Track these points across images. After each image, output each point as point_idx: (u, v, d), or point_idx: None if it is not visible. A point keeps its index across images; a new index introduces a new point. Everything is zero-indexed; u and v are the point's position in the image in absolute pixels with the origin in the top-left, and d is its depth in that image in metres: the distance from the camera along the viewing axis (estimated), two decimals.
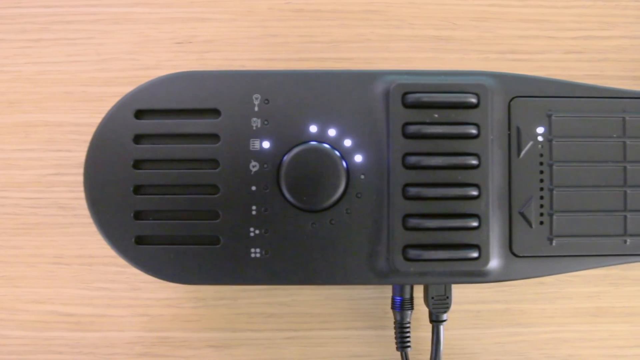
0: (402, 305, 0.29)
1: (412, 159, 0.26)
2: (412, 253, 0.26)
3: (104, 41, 0.32)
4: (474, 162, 0.26)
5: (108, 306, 0.32)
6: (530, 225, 0.27)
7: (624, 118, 0.28)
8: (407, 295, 0.29)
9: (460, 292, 0.32)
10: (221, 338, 0.32)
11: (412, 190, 0.26)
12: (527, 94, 0.27)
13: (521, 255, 0.27)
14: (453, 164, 0.26)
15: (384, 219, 0.26)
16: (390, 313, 0.31)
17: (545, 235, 0.27)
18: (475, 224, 0.26)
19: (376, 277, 0.27)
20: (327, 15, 0.32)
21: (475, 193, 0.26)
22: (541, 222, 0.27)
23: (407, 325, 0.29)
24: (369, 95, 0.27)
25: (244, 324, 0.32)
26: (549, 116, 0.27)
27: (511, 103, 0.27)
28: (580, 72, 0.33)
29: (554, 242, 0.27)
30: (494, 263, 0.27)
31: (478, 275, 0.27)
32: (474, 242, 0.26)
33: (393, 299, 0.29)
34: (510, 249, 0.27)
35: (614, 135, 0.28)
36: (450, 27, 0.33)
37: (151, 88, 0.27)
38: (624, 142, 0.28)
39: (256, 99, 0.27)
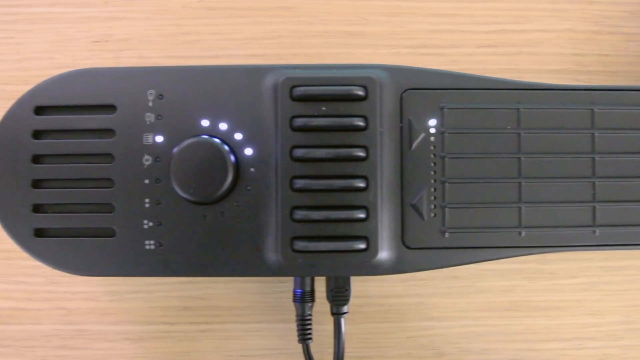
0: (302, 298, 0.29)
1: (299, 152, 0.26)
2: (299, 245, 0.26)
3: (23, 41, 0.33)
4: (362, 154, 0.26)
5: (27, 299, 0.32)
6: (423, 218, 0.27)
7: (518, 109, 0.28)
8: (308, 288, 0.29)
9: (372, 286, 0.32)
10: (137, 331, 0.32)
11: (299, 183, 0.26)
12: (419, 86, 0.27)
13: (413, 247, 0.27)
14: (340, 156, 0.26)
15: (273, 211, 0.27)
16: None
17: (438, 227, 0.27)
18: (362, 215, 0.26)
19: (267, 269, 0.27)
20: (240, 13, 0.33)
21: (362, 185, 0.26)
22: (434, 215, 0.27)
23: (308, 317, 0.29)
24: (259, 90, 0.27)
25: (159, 317, 0.32)
26: (442, 108, 0.27)
27: (403, 95, 0.27)
28: (494, 66, 0.33)
29: (447, 235, 0.27)
30: (384, 255, 0.27)
31: (368, 267, 0.27)
32: (362, 233, 0.26)
33: (294, 291, 0.29)
34: (403, 241, 0.27)
35: (508, 127, 0.28)
36: (362, 23, 0.33)
37: (51, 85, 0.28)
38: (519, 134, 0.28)
39: (150, 94, 0.27)
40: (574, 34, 0.34)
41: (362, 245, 0.26)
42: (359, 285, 0.32)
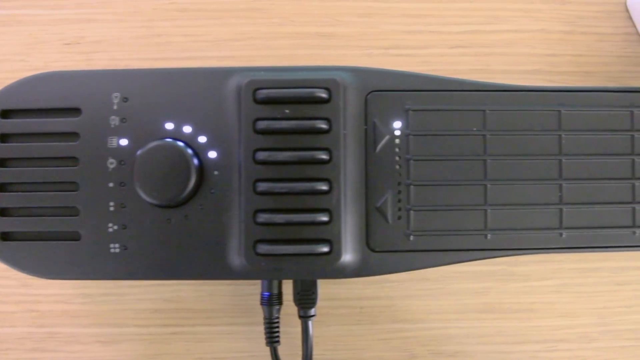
0: (269, 301, 0.29)
1: (262, 155, 0.26)
2: (262, 248, 0.26)
3: None
4: (324, 156, 0.26)
5: None
6: (387, 221, 0.27)
7: (484, 111, 0.28)
8: (275, 291, 0.29)
9: (344, 288, 0.32)
10: (109, 333, 0.32)
11: (262, 186, 0.26)
12: (384, 88, 0.27)
13: (378, 250, 0.27)
14: (303, 159, 0.26)
15: (237, 215, 0.27)
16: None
17: (403, 230, 0.27)
18: (325, 218, 0.26)
19: (231, 272, 0.27)
20: (211, 14, 0.33)
21: (325, 188, 0.26)
22: (399, 217, 0.27)
23: (276, 320, 0.29)
24: (223, 92, 0.27)
25: (130, 319, 0.32)
26: (407, 110, 0.27)
27: (368, 97, 0.27)
28: (465, 67, 0.33)
29: (412, 237, 0.27)
30: (349, 258, 0.27)
31: (332, 270, 0.27)
32: (325, 237, 0.26)
33: (261, 294, 0.29)
34: (367, 244, 0.27)
35: (474, 129, 0.28)
36: (333, 24, 0.33)
37: (17, 88, 0.28)
38: (484, 136, 0.28)
39: (115, 97, 0.27)
40: (547, 35, 0.33)
41: (325, 249, 0.26)
42: (330, 287, 0.32)
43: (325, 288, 0.32)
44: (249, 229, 0.26)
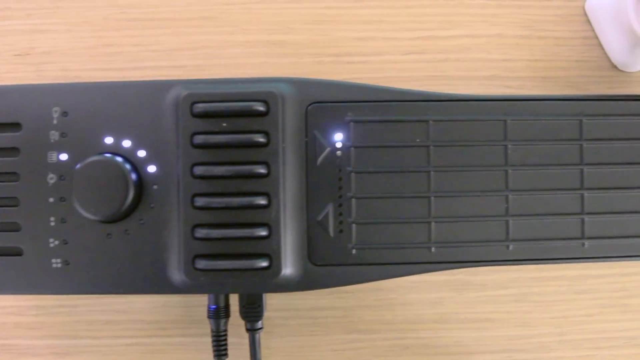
0: (216, 314, 0.29)
1: (200, 169, 0.26)
2: (201, 263, 0.26)
3: None
4: (263, 170, 0.26)
5: None
6: (329, 234, 0.27)
7: (427, 122, 0.27)
8: (222, 304, 0.29)
9: (298, 298, 0.32)
10: (63, 345, 0.32)
11: (200, 201, 0.26)
12: (324, 100, 0.27)
13: (320, 264, 0.27)
14: (240, 173, 0.26)
15: (176, 229, 0.26)
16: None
17: (345, 244, 0.27)
18: (264, 233, 0.26)
19: (172, 287, 0.27)
20: (161, 24, 0.32)
21: (264, 202, 0.26)
22: (340, 231, 0.27)
23: (223, 333, 0.29)
24: (162, 106, 0.27)
25: (84, 331, 0.32)
26: (348, 122, 0.27)
27: (309, 109, 0.27)
28: (420, 73, 0.32)
29: (354, 251, 0.27)
30: (289, 272, 0.26)
31: (273, 285, 0.26)
32: (264, 251, 0.26)
33: (208, 307, 0.29)
34: (309, 257, 0.27)
35: (417, 140, 0.27)
36: (284, 32, 0.32)
37: None
38: (428, 147, 0.27)
39: (55, 111, 0.27)
40: (503, 39, 0.33)
41: (265, 263, 0.26)
42: (284, 297, 0.32)
43: (278, 299, 0.32)
44: (188, 244, 0.26)
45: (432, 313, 0.32)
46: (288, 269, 0.26)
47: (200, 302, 0.32)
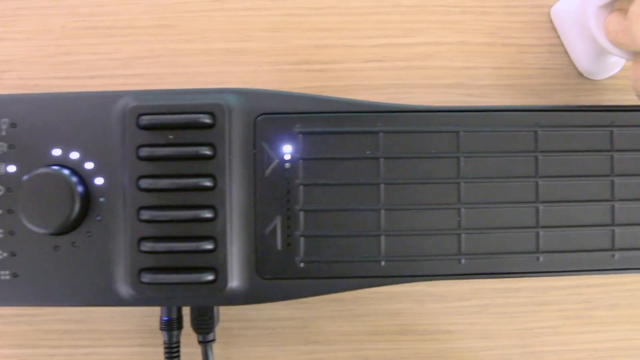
0: (168, 326, 0.29)
1: (146, 182, 0.26)
2: (147, 277, 0.26)
3: None
4: (209, 183, 0.26)
5: None
6: (277, 247, 0.26)
7: (377, 133, 0.27)
8: (174, 315, 0.29)
9: (255, 308, 0.32)
10: (22, 354, 0.32)
11: (146, 214, 0.26)
12: (273, 111, 0.27)
13: (268, 277, 0.27)
14: (186, 186, 0.26)
15: (122, 242, 0.26)
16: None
17: (293, 257, 0.27)
18: (210, 246, 0.26)
19: (120, 299, 0.27)
20: (120, 32, 0.32)
21: (210, 215, 0.26)
22: (288, 244, 0.26)
23: (176, 345, 0.29)
24: (110, 117, 0.27)
25: (43, 340, 0.32)
26: (297, 134, 0.27)
27: (257, 120, 0.27)
28: (381, 81, 0.32)
29: (302, 264, 0.27)
30: (236, 285, 0.26)
31: (219, 298, 0.26)
32: (210, 264, 0.26)
33: (160, 319, 0.29)
34: (257, 271, 0.26)
35: (367, 152, 0.27)
36: (243, 39, 0.32)
37: None
38: (378, 159, 0.27)
39: (4, 123, 0.27)
40: (466, 47, 0.32)
41: (210, 277, 0.26)
42: (242, 307, 0.32)
43: (236, 309, 0.32)
44: (134, 257, 0.26)
45: (391, 324, 0.32)
46: (235, 283, 0.26)
47: (158, 312, 0.32)
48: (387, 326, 0.32)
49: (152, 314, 0.32)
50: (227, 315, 0.32)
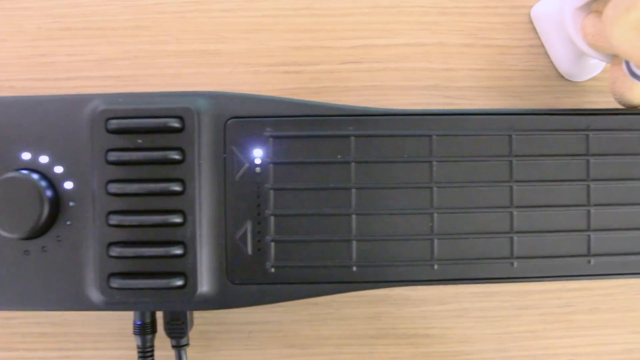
0: (141, 330, 0.28)
1: (114, 186, 0.26)
2: (116, 282, 0.26)
3: None
4: (177, 188, 0.26)
5: None
6: (247, 252, 0.26)
7: (349, 137, 0.26)
8: (148, 320, 0.29)
9: (231, 312, 0.32)
10: None
11: (115, 218, 0.26)
12: (243, 115, 0.26)
13: (238, 282, 0.26)
14: (154, 191, 0.26)
15: (92, 247, 0.26)
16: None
17: (263, 262, 0.26)
18: (179, 251, 0.26)
19: (90, 304, 0.26)
20: (95, 33, 0.32)
21: (179, 220, 0.26)
22: (258, 249, 0.26)
23: (149, 349, 0.29)
24: (80, 121, 0.26)
25: (19, 343, 0.32)
26: (267, 138, 0.26)
27: (227, 124, 0.26)
28: (357, 83, 0.32)
29: (273, 270, 0.26)
30: (206, 290, 0.26)
31: (189, 303, 0.26)
32: (180, 270, 0.26)
33: (134, 323, 0.29)
34: (227, 276, 0.26)
35: (339, 157, 0.26)
36: (219, 41, 0.32)
37: None
38: (349, 164, 0.26)
39: None
40: (444, 48, 0.32)
41: (180, 282, 0.26)
42: (218, 311, 0.32)
43: (213, 312, 0.32)
44: (103, 262, 0.26)
45: (368, 328, 0.32)
46: (205, 288, 0.26)
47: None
48: (364, 330, 0.32)
49: (129, 318, 0.32)
50: (204, 318, 0.32)
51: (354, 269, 0.26)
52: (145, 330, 0.29)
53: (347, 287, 0.27)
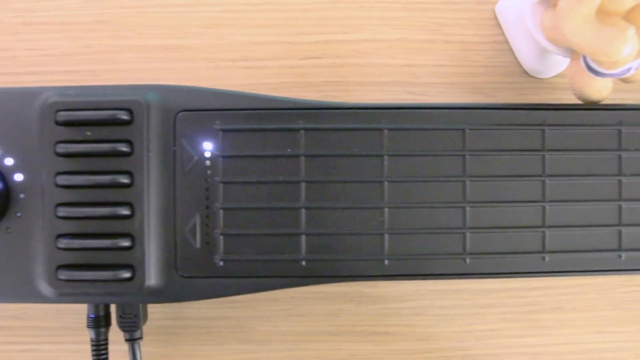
0: (95, 323, 0.28)
1: (63, 178, 0.26)
2: (64, 274, 0.26)
3: None
4: (126, 180, 0.25)
5: None
6: (196, 245, 0.26)
7: (299, 131, 0.26)
8: (101, 313, 0.28)
9: (189, 307, 0.32)
10: None
11: (63, 210, 0.26)
12: (193, 108, 0.26)
13: (186, 275, 0.26)
14: (103, 183, 0.25)
15: (41, 239, 0.26)
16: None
17: (212, 255, 0.26)
18: (127, 244, 0.25)
19: (41, 296, 0.26)
20: (56, 28, 0.32)
21: (127, 212, 0.25)
22: (207, 242, 0.26)
23: (103, 343, 0.29)
24: (30, 113, 0.26)
25: None
26: (217, 131, 0.26)
27: (177, 117, 0.26)
28: (318, 79, 0.31)
29: (222, 263, 0.26)
30: (155, 283, 0.26)
31: (138, 295, 0.26)
32: (127, 262, 0.26)
33: (87, 316, 0.29)
34: (176, 269, 0.26)
35: (289, 150, 0.26)
36: (180, 36, 0.32)
37: None
38: (299, 157, 0.26)
39: None
40: (406, 44, 0.32)
41: (127, 274, 0.25)
42: (176, 305, 0.32)
43: (171, 307, 0.32)
44: (51, 253, 0.26)
45: (327, 325, 0.32)
46: (152, 280, 0.26)
47: None
48: (323, 326, 0.31)
49: (86, 311, 0.32)
50: (162, 313, 0.31)
51: (303, 263, 0.26)
52: (98, 323, 0.29)
53: (297, 281, 0.26)
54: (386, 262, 0.26)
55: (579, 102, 0.28)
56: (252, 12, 0.32)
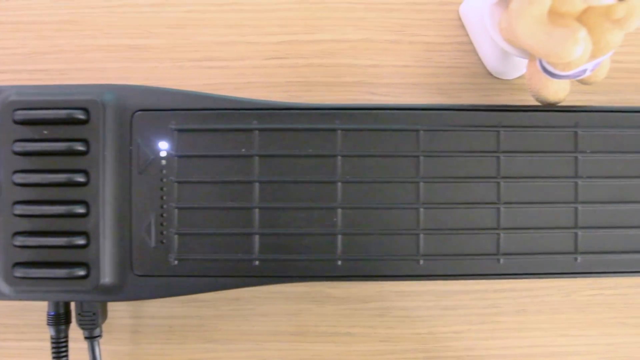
0: (55, 321, 0.29)
1: (20, 176, 0.26)
2: (20, 271, 0.26)
3: None
4: (81, 179, 0.26)
5: None
6: (151, 244, 0.26)
7: (252, 131, 0.26)
8: (61, 310, 0.29)
9: (152, 305, 0.32)
10: None
11: (20, 208, 0.26)
12: (150, 107, 0.26)
13: (141, 274, 0.26)
14: (59, 182, 0.26)
15: None
16: None
17: (166, 254, 0.26)
18: (82, 242, 0.26)
19: None
20: (25, 27, 0.32)
21: (82, 211, 0.26)
22: (162, 241, 0.26)
23: (63, 340, 0.29)
24: None
25: None
26: (172, 130, 0.26)
27: (134, 116, 0.26)
28: (282, 79, 0.32)
29: (176, 262, 0.26)
30: (109, 281, 0.26)
31: (93, 293, 0.26)
32: (82, 260, 0.26)
33: (47, 314, 0.29)
34: (131, 267, 0.26)
35: (243, 150, 0.26)
36: (146, 36, 0.32)
37: None
38: (253, 157, 0.26)
39: None
40: (370, 44, 0.32)
41: (82, 272, 0.26)
42: (139, 304, 0.32)
43: (133, 305, 0.32)
44: (8, 251, 0.26)
45: (290, 325, 0.32)
46: (107, 278, 0.26)
47: None
48: (285, 326, 0.32)
49: None
50: (124, 311, 0.32)
51: (256, 263, 0.26)
52: (58, 321, 0.29)
53: (250, 281, 0.27)
54: (339, 262, 0.26)
55: (538, 103, 0.28)
56: (217, 12, 0.32)
